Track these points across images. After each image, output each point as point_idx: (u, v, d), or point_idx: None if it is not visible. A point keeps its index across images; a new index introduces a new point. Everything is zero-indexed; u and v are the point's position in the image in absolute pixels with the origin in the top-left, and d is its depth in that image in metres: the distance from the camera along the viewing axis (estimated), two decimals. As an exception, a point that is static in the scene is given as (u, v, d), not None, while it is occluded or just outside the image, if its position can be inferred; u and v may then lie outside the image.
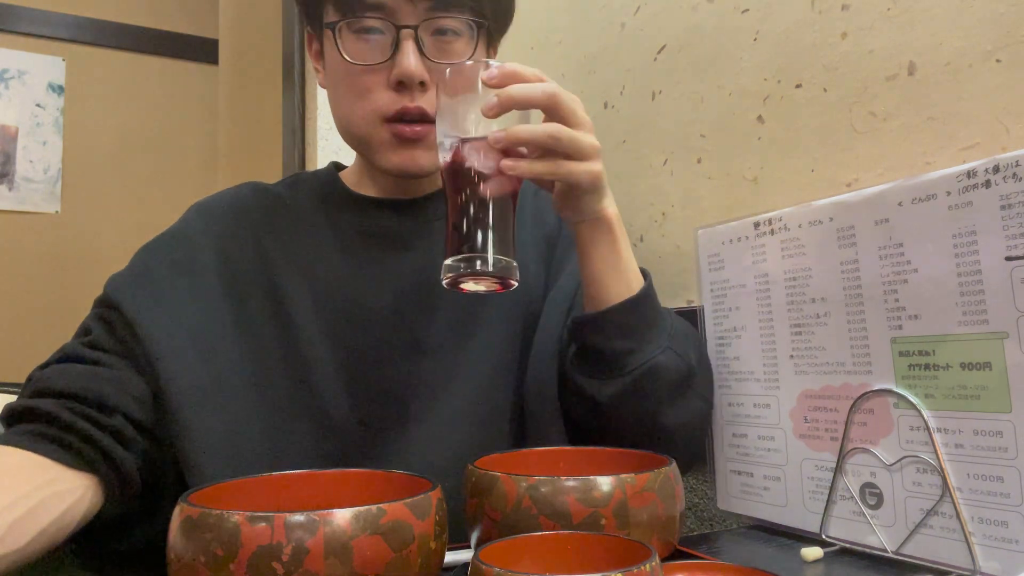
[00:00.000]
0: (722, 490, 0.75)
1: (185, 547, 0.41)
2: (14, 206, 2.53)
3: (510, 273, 0.57)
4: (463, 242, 0.57)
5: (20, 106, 2.58)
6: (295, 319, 0.71)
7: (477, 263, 0.56)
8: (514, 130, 0.57)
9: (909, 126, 0.68)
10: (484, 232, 0.57)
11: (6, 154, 2.54)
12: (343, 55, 0.68)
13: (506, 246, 0.57)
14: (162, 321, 0.66)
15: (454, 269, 0.57)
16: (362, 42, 0.68)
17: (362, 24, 0.67)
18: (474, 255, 0.56)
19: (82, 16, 2.68)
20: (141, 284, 0.68)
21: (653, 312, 0.68)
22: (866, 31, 0.72)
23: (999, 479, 0.52)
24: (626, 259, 0.67)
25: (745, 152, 0.85)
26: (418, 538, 0.42)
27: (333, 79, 0.72)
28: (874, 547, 0.59)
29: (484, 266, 0.56)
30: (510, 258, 0.58)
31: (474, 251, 0.56)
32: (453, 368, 0.72)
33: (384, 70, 0.68)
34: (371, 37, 0.68)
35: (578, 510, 0.49)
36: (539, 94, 0.57)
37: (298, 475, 0.53)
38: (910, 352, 0.57)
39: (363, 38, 0.68)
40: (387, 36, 0.67)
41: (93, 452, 0.58)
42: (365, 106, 0.69)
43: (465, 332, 0.73)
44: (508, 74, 0.57)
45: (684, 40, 0.94)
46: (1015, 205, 0.51)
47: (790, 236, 0.67)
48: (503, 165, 0.56)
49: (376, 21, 0.67)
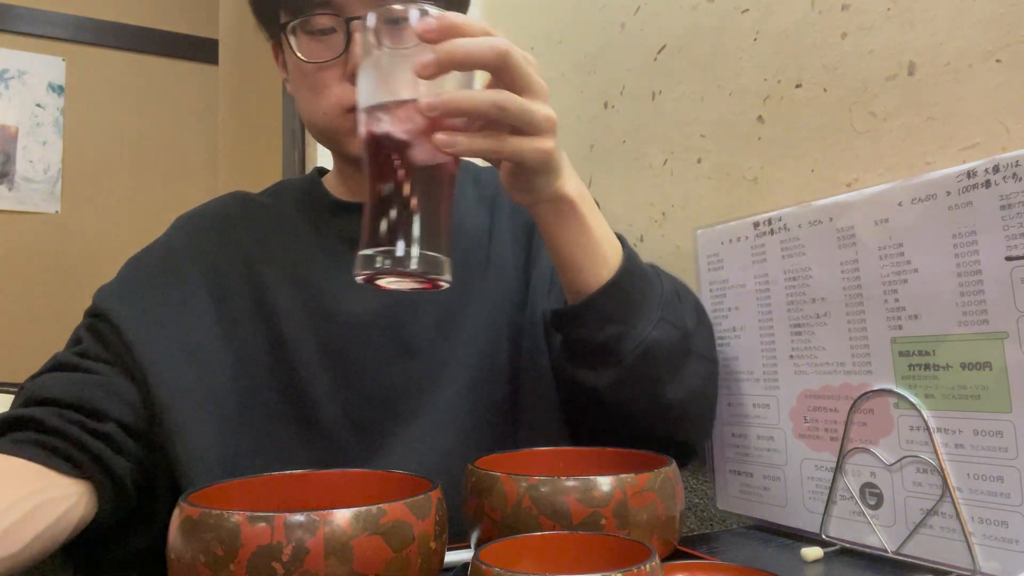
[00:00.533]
0: (722, 490, 0.75)
1: (185, 547, 0.41)
2: (14, 206, 2.53)
3: (438, 270, 0.48)
4: (383, 231, 0.47)
5: (20, 106, 2.58)
6: (282, 327, 0.71)
7: (398, 257, 0.46)
8: (452, 96, 0.47)
9: (909, 126, 0.68)
10: (409, 219, 0.47)
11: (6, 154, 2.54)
12: (298, 55, 0.69)
13: (436, 238, 0.48)
14: (151, 329, 0.67)
15: (369, 263, 0.47)
16: (316, 42, 0.69)
17: (314, 24, 0.68)
18: (394, 248, 0.47)
19: (82, 16, 2.68)
20: (129, 294, 0.69)
21: (638, 286, 0.62)
22: (866, 31, 0.72)
23: (999, 479, 0.52)
24: (598, 236, 0.60)
25: (745, 152, 0.85)
26: (418, 538, 0.42)
27: (295, 82, 0.73)
28: (874, 547, 0.59)
29: (406, 262, 0.47)
30: (439, 253, 0.48)
31: (395, 242, 0.47)
32: (442, 366, 0.72)
33: (340, 65, 0.68)
34: (325, 37, 0.68)
35: (578, 510, 0.49)
36: (487, 51, 0.48)
37: (298, 475, 0.53)
38: (910, 352, 0.57)
39: (317, 39, 0.69)
40: (340, 34, 0.68)
41: (86, 458, 0.58)
42: (326, 100, 0.69)
43: (451, 329, 0.73)
44: (449, 26, 0.48)
45: (684, 40, 0.94)
46: (1015, 205, 0.51)
47: (790, 236, 0.67)
48: (436, 140, 0.47)
49: (327, 19, 0.68)
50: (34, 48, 2.62)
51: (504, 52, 0.48)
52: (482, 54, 0.48)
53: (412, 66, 0.47)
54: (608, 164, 1.08)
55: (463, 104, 0.48)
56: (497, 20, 1.37)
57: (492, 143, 0.50)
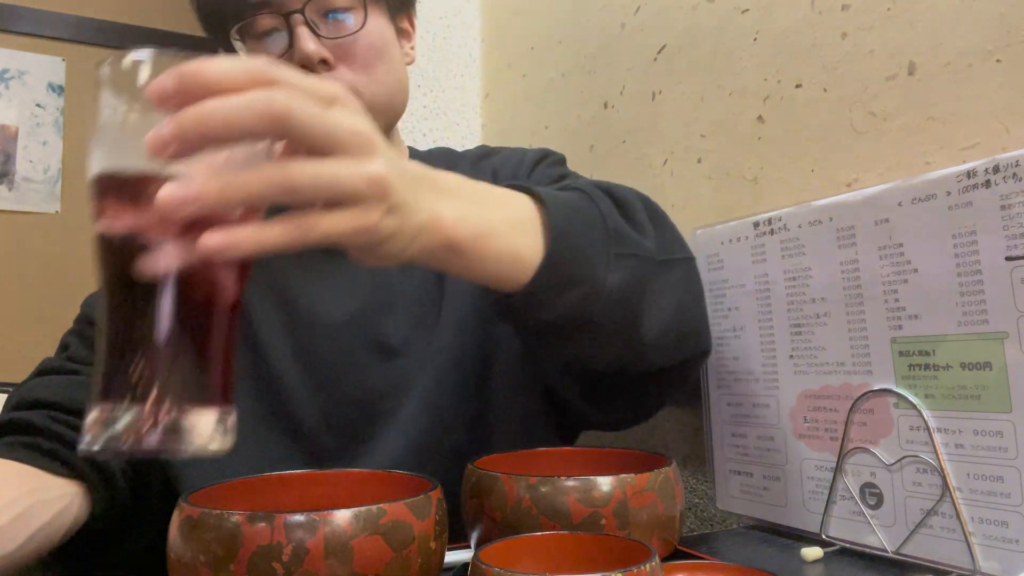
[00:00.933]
0: (722, 490, 0.75)
1: (185, 547, 0.41)
2: (14, 206, 2.53)
3: (186, 442, 0.33)
4: (110, 388, 0.33)
5: (20, 106, 2.58)
6: (260, 334, 0.72)
7: (119, 430, 0.32)
8: (208, 185, 0.32)
9: (909, 126, 0.68)
10: (153, 371, 0.33)
11: (6, 154, 2.54)
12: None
13: (199, 392, 0.34)
14: None
15: (84, 436, 0.33)
16: (262, 45, 0.70)
17: (257, 27, 0.69)
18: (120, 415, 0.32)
19: (82, 16, 2.68)
20: None
21: (572, 242, 0.52)
22: (866, 31, 0.72)
23: (999, 479, 0.52)
24: (504, 243, 0.48)
25: (745, 152, 0.85)
26: (418, 538, 0.42)
27: None
28: (874, 547, 0.59)
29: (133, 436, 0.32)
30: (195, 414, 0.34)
31: (121, 404, 0.33)
32: (419, 365, 0.72)
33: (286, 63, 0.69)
34: (269, 38, 0.69)
35: (578, 510, 0.49)
36: (252, 117, 0.33)
37: (298, 475, 0.53)
38: (910, 352, 0.57)
39: (263, 42, 0.70)
40: (284, 33, 0.68)
41: (78, 459, 0.58)
42: None
43: (429, 327, 0.74)
44: (191, 84, 0.32)
45: (684, 40, 0.94)
46: (1015, 205, 0.51)
47: (790, 236, 0.67)
48: (202, 246, 0.32)
49: (268, 19, 0.68)
50: (34, 48, 2.61)
51: (281, 113, 0.33)
52: (245, 121, 0.33)
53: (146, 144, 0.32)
54: (608, 164, 1.08)
55: (233, 193, 0.33)
56: (497, 20, 1.38)
57: (292, 231, 0.35)
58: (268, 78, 0.34)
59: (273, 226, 0.35)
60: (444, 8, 1.41)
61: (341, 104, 0.37)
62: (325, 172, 0.35)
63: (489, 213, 0.48)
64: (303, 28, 0.67)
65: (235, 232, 0.33)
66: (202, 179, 0.32)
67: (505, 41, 1.40)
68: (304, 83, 0.35)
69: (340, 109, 0.37)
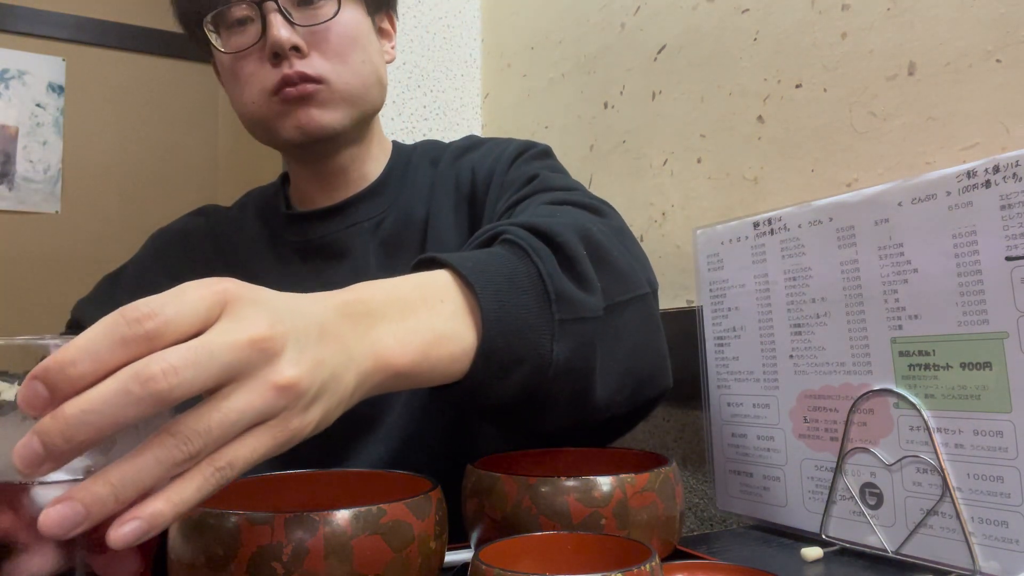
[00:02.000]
0: (722, 490, 0.75)
1: (185, 547, 0.41)
2: (14, 206, 2.53)
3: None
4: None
5: (20, 106, 2.58)
6: None
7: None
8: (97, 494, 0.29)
9: (909, 126, 0.68)
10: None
11: (6, 154, 2.54)
12: (219, 49, 0.71)
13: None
14: None
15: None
16: (236, 35, 0.71)
17: (231, 16, 0.70)
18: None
19: (82, 16, 2.68)
20: (104, 304, 0.71)
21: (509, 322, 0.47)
22: (866, 31, 0.72)
23: (999, 479, 0.52)
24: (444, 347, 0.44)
25: (745, 152, 0.85)
26: (418, 538, 0.42)
27: (223, 77, 0.75)
28: (874, 547, 0.59)
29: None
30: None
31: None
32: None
33: (259, 50, 0.70)
34: (242, 27, 0.70)
35: (578, 510, 0.49)
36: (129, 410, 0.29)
37: (298, 475, 0.53)
38: (910, 352, 0.57)
39: (236, 31, 0.70)
40: (256, 21, 0.69)
41: None
42: (251, 89, 0.71)
43: None
44: (56, 380, 0.29)
45: (684, 40, 0.94)
46: (1015, 205, 0.51)
47: (790, 236, 0.67)
48: (115, 539, 0.28)
49: (241, 9, 0.69)
50: (34, 48, 2.61)
51: (163, 390, 0.29)
52: (126, 416, 0.29)
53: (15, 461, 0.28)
54: (608, 164, 1.08)
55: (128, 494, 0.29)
56: (497, 20, 1.38)
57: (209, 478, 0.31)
58: (134, 335, 0.30)
59: (185, 483, 0.30)
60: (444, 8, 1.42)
61: (224, 313, 0.32)
62: (229, 413, 0.31)
63: (423, 320, 0.43)
64: (276, 15, 0.68)
65: (146, 509, 0.29)
66: (88, 492, 0.28)
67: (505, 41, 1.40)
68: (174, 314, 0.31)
69: (222, 323, 0.32)
